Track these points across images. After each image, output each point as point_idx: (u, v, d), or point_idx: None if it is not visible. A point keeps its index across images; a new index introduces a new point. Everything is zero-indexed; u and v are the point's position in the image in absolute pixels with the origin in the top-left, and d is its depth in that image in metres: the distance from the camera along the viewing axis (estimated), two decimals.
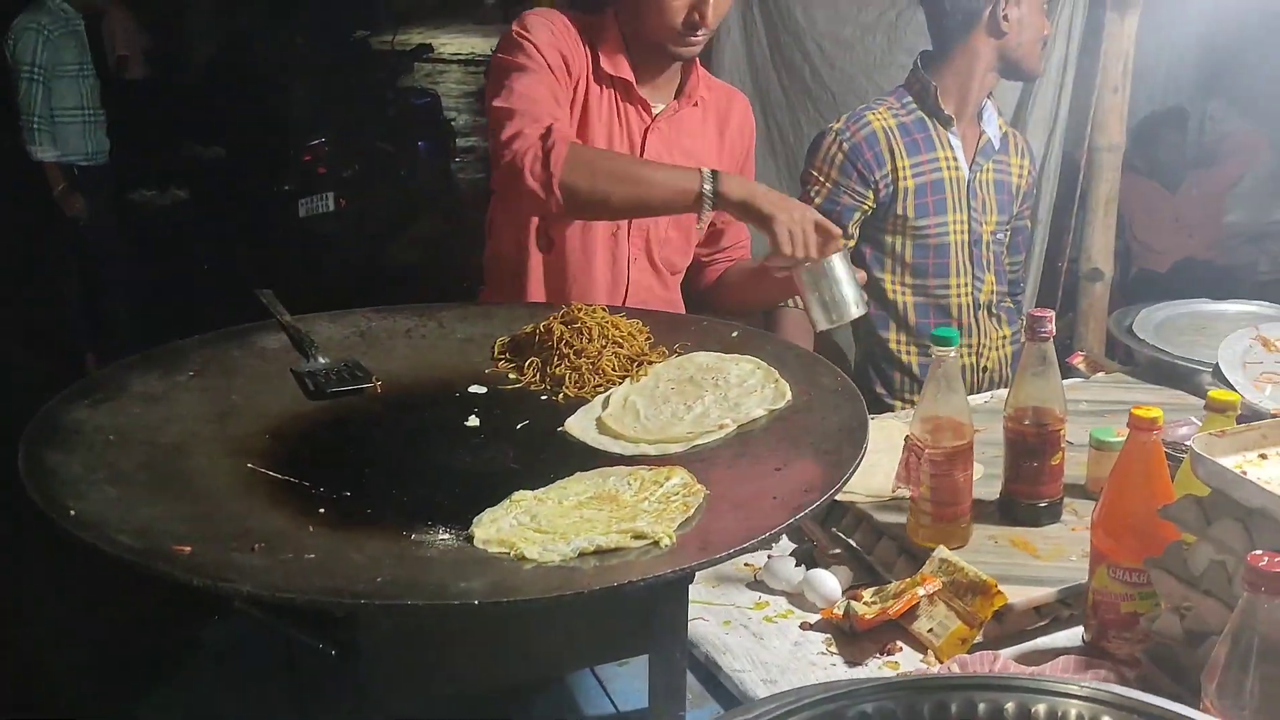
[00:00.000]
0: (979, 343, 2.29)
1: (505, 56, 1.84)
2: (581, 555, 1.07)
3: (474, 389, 1.54)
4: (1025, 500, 1.55)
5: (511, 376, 1.57)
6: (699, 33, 1.84)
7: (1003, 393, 2.06)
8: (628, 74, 1.91)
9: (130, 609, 1.56)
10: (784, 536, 1.58)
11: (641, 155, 1.94)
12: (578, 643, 1.22)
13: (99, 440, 1.24)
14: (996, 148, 2.27)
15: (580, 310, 1.63)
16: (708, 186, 1.70)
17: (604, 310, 1.65)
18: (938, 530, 1.49)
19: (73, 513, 1.05)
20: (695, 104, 1.99)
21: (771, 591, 1.53)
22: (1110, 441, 1.60)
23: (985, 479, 1.61)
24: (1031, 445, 1.53)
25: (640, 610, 1.18)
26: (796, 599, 1.51)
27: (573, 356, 1.57)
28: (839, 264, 1.74)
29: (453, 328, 1.69)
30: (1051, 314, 1.49)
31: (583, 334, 1.60)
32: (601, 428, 1.42)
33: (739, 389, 1.46)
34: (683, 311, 2.03)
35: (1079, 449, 1.66)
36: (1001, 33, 2.15)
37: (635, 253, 1.99)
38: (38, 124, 4.48)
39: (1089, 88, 2.79)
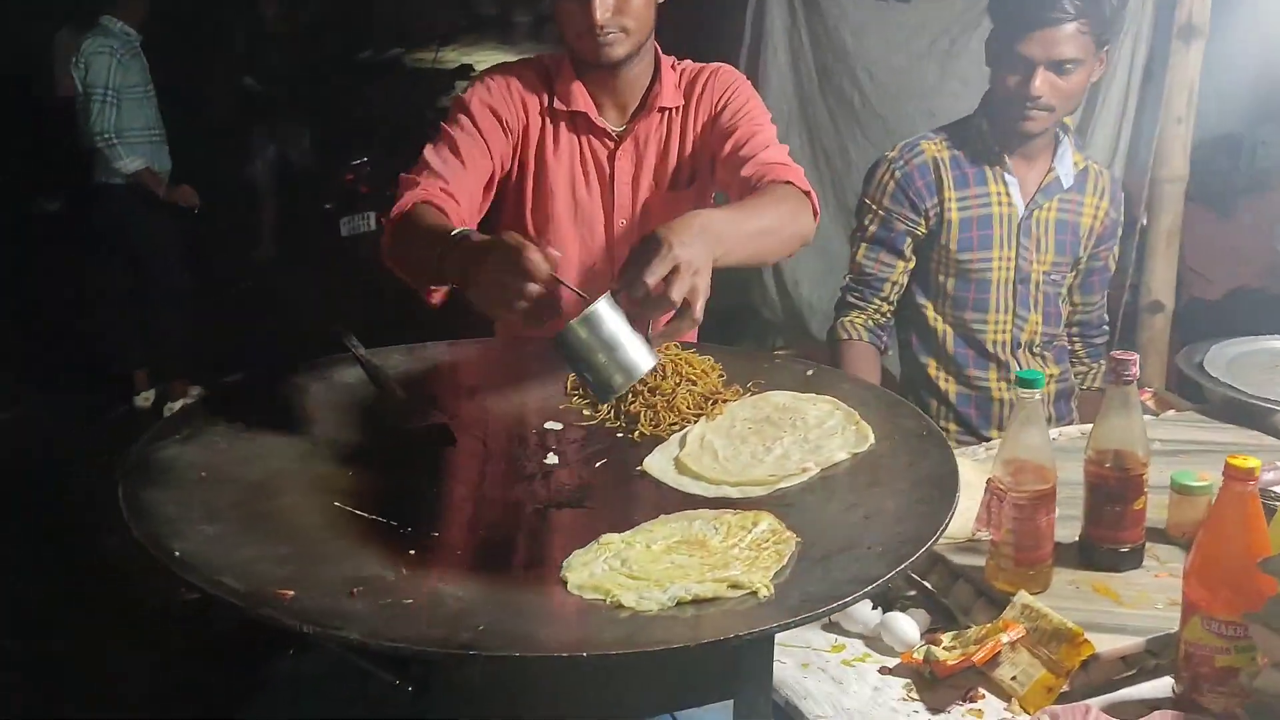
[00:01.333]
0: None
1: (444, 124, 1.85)
2: (679, 604, 1.07)
3: (550, 425, 1.54)
4: (1106, 545, 1.53)
5: (586, 413, 1.57)
6: (603, 34, 1.76)
7: (1071, 430, 2.04)
8: (582, 105, 1.87)
9: (203, 641, 1.56)
10: None
11: (612, 184, 1.90)
12: (661, 688, 1.20)
13: (191, 477, 1.25)
14: (1065, 186, 2.22)
15: None
16: (435, 263, 1.48)
17: (677, 347, 1.65)
18: (1018, 574, 1.47)
19: (177, 554, 1.05)
20: (661, 114, 1.91)
21: (847, 634, 1.52)
22: (1193, 486, 1.58)
23: (1061, 520, 1.59)
24: (1113, 489, 1.51)
25: (727, 656, 1.17)
26: (873, 641, 1.50)
27: (647, 394, 1.57)
28: (603, 316, 1.28)
29: (525, 364, 1.69)
30: (1136, 357, 1.48)
31: (657, 371, 1.59)
32: (681, 468, 1.42)
33: (819, 430, 1.45)
34: None
35: (1158, 491, 1.63)
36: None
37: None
38: (119, 140, 4.56)
39: (1151, 118, 2.76)
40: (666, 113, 1.91)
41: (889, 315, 2.27)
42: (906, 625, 1.48)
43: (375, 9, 6.91)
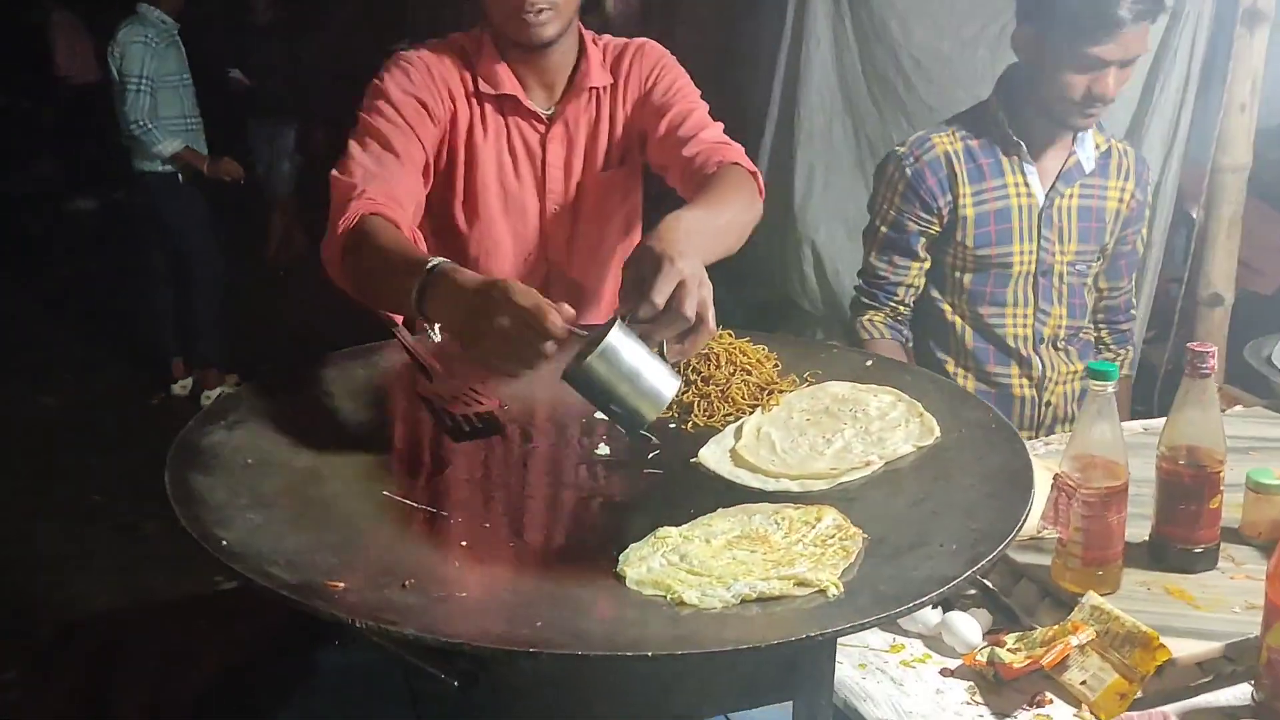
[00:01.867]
0: (1043, 377, 2.16)
1: (362, 114, 1.71)
2: (743, 602, 1.02)
3: (600, 415, 1.49)
4: (1179, 545, 1.47)
5: None
6: (534, 13, 1.68)
7: (1133, 425, 1.97)
8: (509, 88, 1.78)
9: (245, 633, 1.54)
10: None
11: (544, 169, 1.82)
12: (719, 688, 1.16)
13: (238, 463, 1.22)
14: (1087, 170, 2.11)
15: None
16: (413, 298, 1.32)
17: (730, 335, 1.60)
18: (1086, 574, 1.42)
19: (224, 542, 1.02)
20: (590, 93, 1.83)
21: (906, 633, 1.47)
22: (1269, 484, 1.52)
23: (1130, 519, 1.53)
24: (1188, 487, 1.45)
25: (788, 656, 1.13)
26: (933, 642, 1.45)
27: (700, 384, 1.53)
28: (620, 346, 1.19)
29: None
30: (1214, 349, 1.41)
31: (710, 360, 1.55)
32: (737, 460, 1.37)
33: (880, 423, 1.40)
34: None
35: (1232, 489, 1.57)
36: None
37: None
38: (154, 126, 4.57)
39: (1213, 106, 2.68)
40: (595, 91, 1.83)
41: (906, 314, 2.18)
42: (968, 626, 1.42)
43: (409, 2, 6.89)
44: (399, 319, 1.53)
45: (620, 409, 1.21)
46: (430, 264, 1.31)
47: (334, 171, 1.63)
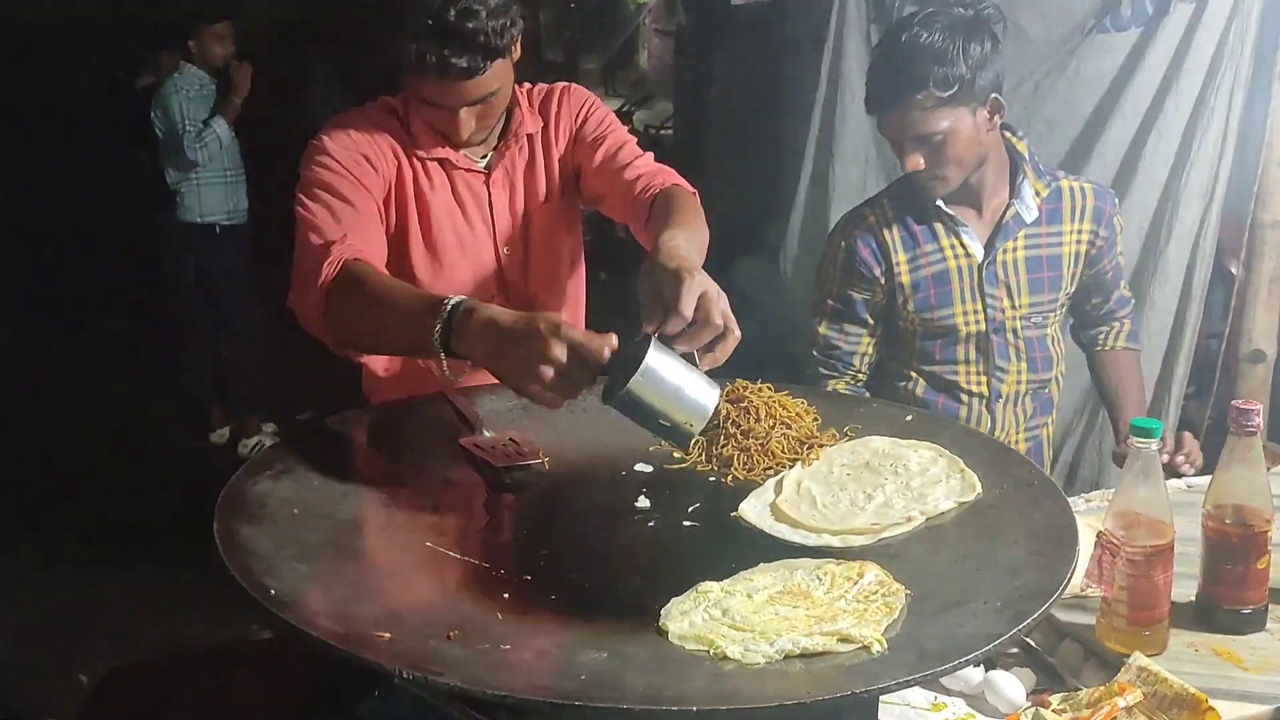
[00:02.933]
0: (999, 435, 2.11)
1: (305, 171, 1.73)
2: (786, 657, 1.02)
3: (640, 467, 1.50)
4: (1227, 605, 1.45)
5: (676, 455, 1.53)
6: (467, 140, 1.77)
7: (1176, 483, 1.95)
8: (442, 152, 1.82)
9: (285, 682, 1.54)
10: None
11: (491, 212, 1.86)
12: None
13: (284, 514, 1.24)
14: (1029, 220, 2.05)
15: (746, 389, 1.58)
16: (436, 338, 1.33)
17: (770, 388, 1.61)
18: (1132, 635, 1.40)
19: (273, 592, 1.04)
20: (523, 143, 1.88)
21: (948, 692, 1.45)
22: None
23: (1177, 579, 1.51)
24: (1235, 547, 1.43)
25: (830, 713, 1.12)
26: (976, 701, 1.43)
27: (740, 437, 1.53)
28: (659, 364, 1.22)
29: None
30: (1259, 406, 1.40)
31: (750, 413, 1.55)
32: (778, 514, 1.37)
33: (922, 478, 1.40)
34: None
35: (1278, 549, 1.55)
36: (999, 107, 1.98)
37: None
38: (202, 138, 4.66)
39: (1251, 161, 2.67)
40: (530, 137, 1.89)
41: (865, 380, 2.17)
42: (1012, 685, 1.40)
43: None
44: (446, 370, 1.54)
45: (669, 424, 1.24)
46: (450, 302, 1.34)
47: (300, 217, 1.65)
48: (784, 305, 3.30)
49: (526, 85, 1.93)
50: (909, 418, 1.58)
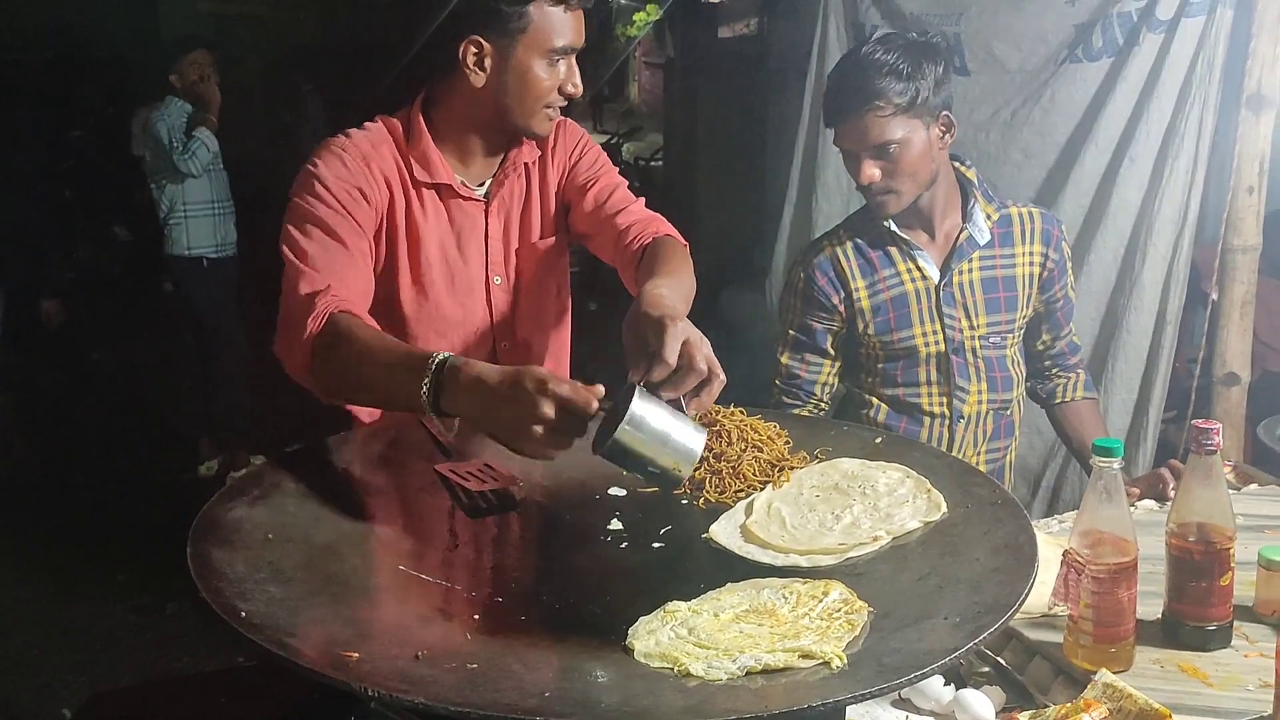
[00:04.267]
0: (961, 456, 2.14)
1: (296, 199, 1.70)
2: (748, 674, 1.04)
3: (613, 491, 1.52)
4: (1192, 622, 1.47)
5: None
6: (555, 109, 1.77)
7: (1147, 504, 1.97)
8: (444, 176, 1.79)
9: (265, 708, 1.55)
10: None
11: (486, 243, 1.85)
12: None
13: (258, 538, 1.26)
14: (982, 243, 2.11)
15: (719, 412, 1.61)
16: (425, 397, 1.32)
17: (742, 412, 1.64)
18: (1098, 651, 1.42)
19: (243, 614, 1.05)
20: (520, 172, 1.87)
21: (919, 711, 1.46)
22: None
23: (1142, 596, 1.53)
24: (1199, 564, 1.45)
25: None
26: (946, 719, 1.44)
27: (712, 460, 1.56)
28: (645, 413, 1.24)
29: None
30: (1218, 426, 1.43)
31: (722, 437, 1.58)
32: (747, 535, 1.39)
33: (889, 499, 1.42)
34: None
35: (1244, 567, 1.56)
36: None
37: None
38: (190, 150, 4.68)
39: (1220, 188, 2.72)
40: (525, 166, 1.89)
41: (828, 410, 2.21)
42: (981, 703, 1.42)
43: None
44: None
45: (656, 470, 1.26)
46: (435, 359, 1.32)
47: (286, 257, 1.63)
48: (770, 331, 3.34)
49: None
50: (878, 440, 1.60)
